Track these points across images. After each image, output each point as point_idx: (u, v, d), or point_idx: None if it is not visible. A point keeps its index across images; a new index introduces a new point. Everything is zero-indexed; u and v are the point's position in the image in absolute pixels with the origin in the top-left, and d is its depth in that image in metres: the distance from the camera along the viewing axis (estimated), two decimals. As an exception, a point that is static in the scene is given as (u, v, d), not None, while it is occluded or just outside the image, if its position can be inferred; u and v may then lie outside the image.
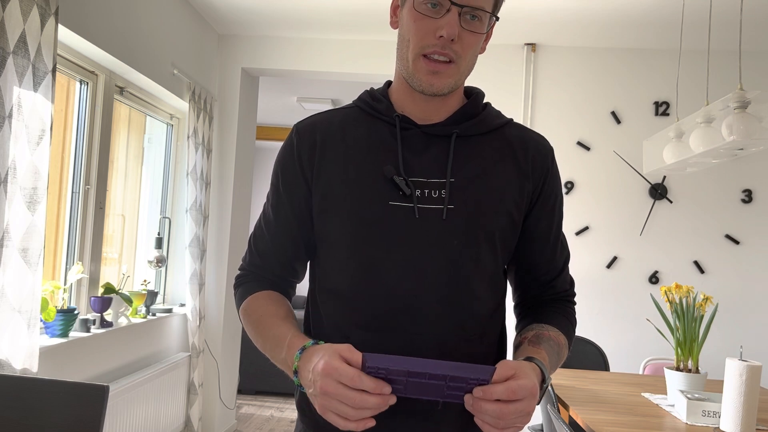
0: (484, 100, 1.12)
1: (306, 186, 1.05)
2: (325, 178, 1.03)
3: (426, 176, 1.01)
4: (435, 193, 1.00)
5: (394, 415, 0.98)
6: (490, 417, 0.83)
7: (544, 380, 0.92)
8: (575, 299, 1.17)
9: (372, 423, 0.83)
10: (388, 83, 1.12)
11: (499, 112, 1.11)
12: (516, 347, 1.05)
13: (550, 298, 1.14)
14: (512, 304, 1.20)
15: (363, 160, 1.03)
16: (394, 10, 1.06)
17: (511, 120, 1.11)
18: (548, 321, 1.08)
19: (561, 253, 1.13)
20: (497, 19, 1.03)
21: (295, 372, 0.91)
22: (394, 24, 1.06)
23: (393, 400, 0.83)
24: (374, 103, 1.08)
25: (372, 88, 1.12)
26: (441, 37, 0.96)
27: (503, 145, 1.07)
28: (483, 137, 1.06)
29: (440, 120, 1.06)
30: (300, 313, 4.59)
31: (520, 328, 1.13)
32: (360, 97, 1.11)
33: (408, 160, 1.02)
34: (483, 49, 1.06)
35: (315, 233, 1.06)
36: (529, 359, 0.94)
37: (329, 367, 0.82)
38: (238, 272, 1.16)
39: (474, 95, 1.10)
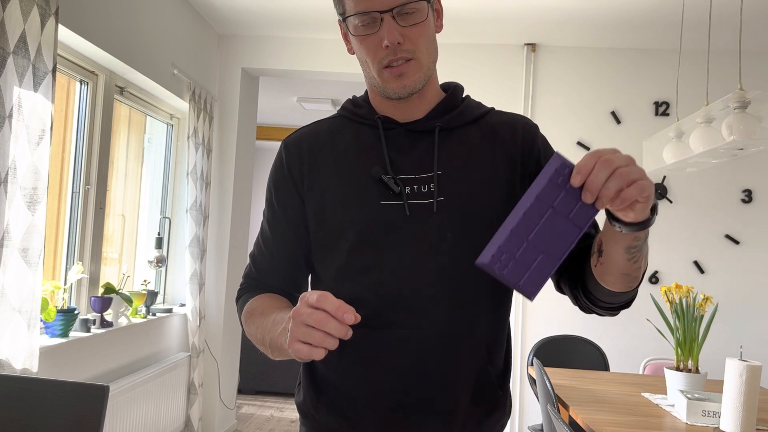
0: (467, 93, 1.13)
1: (299, 199, 1.07)
2: (318, 188, 1.05)
3: (413, 172, 1.02)
4: (424, 188, 1.01)
5: (402, 413, 0.99)
6: (610, 181, 0.76)
7: None
8: None
9: (332, 345, 0.80)
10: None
11: (479, 103, 1.12)
12: (599, 246, 0.93)
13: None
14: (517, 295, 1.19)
15: (352, 164, 1.04)
16: (344, 36, 1.08)
17: (492, 108, 1.12)
18: None
19: None
20: None
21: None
22: (350, 50, 1.08)
23: (349, 333, 0.80)
24: (356, 109, 1.10)
25: (354, 96, 1.14)
26: (387, 46, 0.97)
27: (488, 132, 1.07)
28: (466, 128, 1.07)
29: (421, 116, 1.07)
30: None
31: (584, 257, 1.00)
32: (343, 106, 1.13)
33: (394, 158, 1.03)
34: (439, 27, 1.07)
35: (313, 243, 1.07)
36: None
37: (302, 295, 0.83)
38: (239, 287, 1.17)
39: (452, 88, 1.11)
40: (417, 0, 0.98)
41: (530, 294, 0.84)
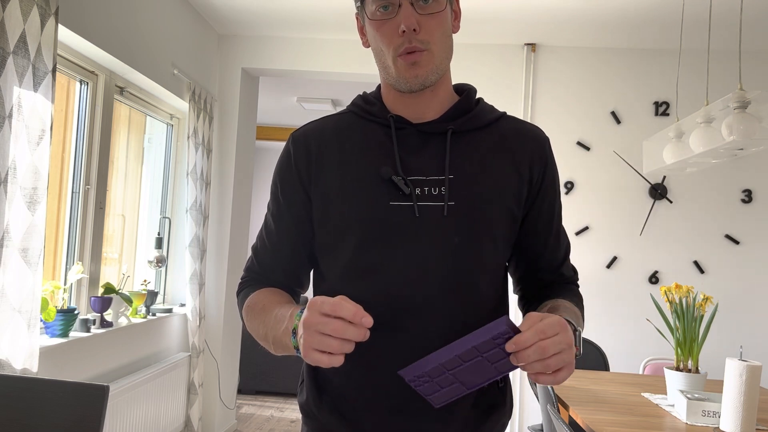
0: (477, 96, 1.13)
1: (305, 195, 1.06)
2: (324, 185, 1.04)
3: (424, 174, 1.01)
4: (435, 191, 1.01)
5: (402, 415, 0.99)
6: (537, 362, 0.82)
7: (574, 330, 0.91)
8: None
9: (349, 349, 0.82)
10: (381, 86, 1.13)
11: (492, 107, 1.12)
12: None
13: (557, 283, 1.15)
14: (515, 297, 1.20)
15: (360, 163, 1.03)
16: (361, 30, 1.08)
17: (505, 113, 1.12)
18: (559, 297, 1.07)
19: (563, 241, 1.14)
20: None
21: (294, 331, 0.89)
22: (365, 44, 1.08)
23: (367, 335, 0.82)
24: (367, 106, 1.09)
25: (365, 92, 1.13)
26: (403, 32, 0.97)
27: (499, 138, 1.07)
28: (478, 132, 1.07)
29: (434, 117, 1.06)
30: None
31: (532, 309, 1.12)
32: (353, 102, 1.12)
33: (405, 159, 1.02)
34: (456, 28, 1.07)
35: (317, 240, 1.07)
36: None
37: (312, 302, 0.83)
38: (241, 280, 1.16)
39: (466, 91, 1.10)
40: None
41: (436, 404, 0.92)
